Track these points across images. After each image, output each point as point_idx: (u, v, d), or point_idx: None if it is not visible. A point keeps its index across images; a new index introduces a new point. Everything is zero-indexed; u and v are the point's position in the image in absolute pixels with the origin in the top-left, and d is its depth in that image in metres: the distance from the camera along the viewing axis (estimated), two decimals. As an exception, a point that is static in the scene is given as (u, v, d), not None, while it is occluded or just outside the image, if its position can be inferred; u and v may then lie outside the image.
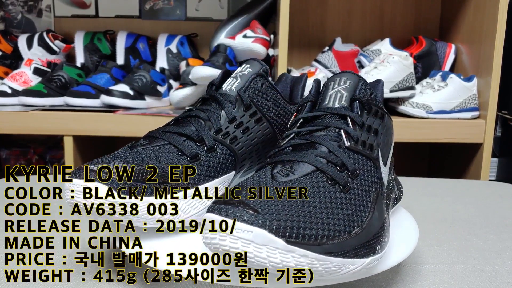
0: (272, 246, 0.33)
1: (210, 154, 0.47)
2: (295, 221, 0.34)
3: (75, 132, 1.21)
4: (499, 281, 0.46)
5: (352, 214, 0.37)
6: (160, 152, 0.45)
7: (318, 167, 0.39)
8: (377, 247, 0.38)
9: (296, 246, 0.33)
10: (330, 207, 0.37)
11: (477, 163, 1.28)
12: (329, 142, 0.41)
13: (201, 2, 1.60)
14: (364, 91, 0.44)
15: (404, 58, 1.29)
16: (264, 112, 0.51)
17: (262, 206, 0.34)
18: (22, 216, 0.61)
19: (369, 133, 0.43)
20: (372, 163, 0.42)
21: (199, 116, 0.49)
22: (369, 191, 0.40)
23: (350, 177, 0.40)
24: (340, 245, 0.35)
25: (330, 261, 0.35)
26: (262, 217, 0.33)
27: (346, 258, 0.35)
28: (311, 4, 1.57)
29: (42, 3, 1.60)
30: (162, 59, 1.47)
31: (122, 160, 0.43)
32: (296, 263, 0.33)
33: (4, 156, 1.60)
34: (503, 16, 1.17)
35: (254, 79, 0.51)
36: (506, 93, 1.42)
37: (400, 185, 0.53)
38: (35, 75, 1.39)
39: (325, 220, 0.36)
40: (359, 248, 0.37)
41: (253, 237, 0.33)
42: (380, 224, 0.40)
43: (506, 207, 0.70)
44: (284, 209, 0.35)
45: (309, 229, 0.34)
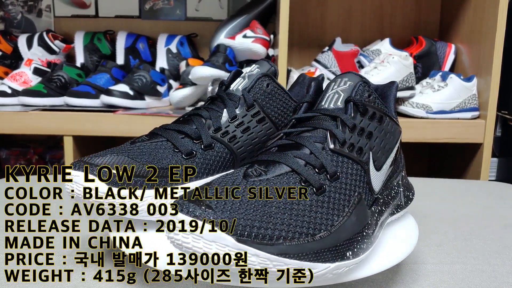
0: (222, 243, 0.33)
1: (207, 151, 0.48)
2: (250, 220, 0.34)
3: (75, 132, 1.21)
4: (499, 281, 0.46)
5: (321, 217, 0.37)
6: (156, 148, 0.47)
7: (293, 168, 0.39)
8: (348, 253, 0.37)
9: (247, 245, 0.33)
10: (297, 208, 0.36)
11: (477, 163, 1.28)
12: (313, 144, 0.40)
13: (201, 2, 1.60)
14: (361, 92, 0.43)
15: (404, 58, 1.29)
16: (268, 112, 0.51)
17: (218, 203, 0.34)
18: (22, 216, 0.61)
19: (361, 136, 0.42)
20: (360, 167, 0.41)
21: (201, 115, 0.50)
22: (349, 195, 0.39)
23: (329, 179, 0.39)
24: (299, 247, 0.34)
25: (285, 263, 0.34)
26: (213, 214, 0.33)
27: (304, 261, 0.34)
28: (311, 4, 1.57)
29: (42, 3, 1.60)
30: (162, 59, 1.47)
31: (118, 154, 0.45)
32: (247, 261, 0.33)
33: (4, 156, 1.60)
34: (503, 16, 1.17)
35: (259, 79, 0.51)
36: (506, 93, 1.42)
37: (410, 191, 0.51)
38: (35, 75, 1.39)
39: (286, 221, 0.35)
40: (323, 252, 0.36)
41: (203, 233, 0.33)
42: (357, 230, 0.39)
43: (506, 207, 0.70)
44: (241, 207, 0.35)
45: (264, 229, 0.34)
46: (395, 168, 0.47)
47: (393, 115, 0.46)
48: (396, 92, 0.48)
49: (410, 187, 0.52)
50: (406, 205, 0.50)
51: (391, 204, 0.47)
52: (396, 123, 0.46)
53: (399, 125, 0.47)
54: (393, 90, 0.47)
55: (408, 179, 0.53)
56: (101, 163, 0.43)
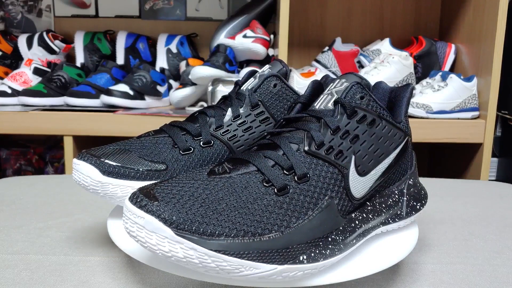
0: (161, 234, 0.33)
1: (205, 148, 0.49)
2: (193, 214, 0.34)
3: (75, 132, 1.21)
4: (499, 281, 0.46)
5: (276, 218, 0.36)
6: (157, 142, 0.49)
7: (259, 167, 0.39)
8: (302, 257, 0.36)
9: (185, 238, 0.33)
10: (250, 207, 0.36)
11: (477, 163, 1.28)
12: (288, 145, 0.40)
13: (201, 2, 1.60)
14: (353, 94, 0.42)
15: (404, 58, 1.29)
16: (274, 112, 0.51)
17: (166, 196, 0.35)
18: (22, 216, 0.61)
19: (344, 139, 0.40)
20: (337, 171, 0.40)
21: (206, 113, 0.51)
22: (317, 198, 0.38)
23: (296, 181, 0.38)
24: (241, 245, 0.34)
25: (224, 259, 0.34)
26: (156, 205, 0.34)
27: (246, 260, 0.34)
28: (311, 4, 1.57)
29: (42, 3, 1.60)
30: (162, 59, 1.47)
31: (120, 146, 0.48)
32: (184, 254, 0.33)
33: (4, 156, 1.60)
34: (503, 16, 1.17)
35: (267, 79, 0.52)
36: (506, 93, 1.42)
37: (419, 202, 0.48)
38: (35, 75, 1.39)
39: (234, 218, 0.35)
40: (270, 253, 0.35)
41: (144, 223, 0.34)
42: (319, 235, 0.38)
43: (506, 207, 0.70)
44: (188, 202, 0.35)
45: (206, 224, 0.34)
46: (397, 175, 0.45)
47: (393, 119, 0.44)
48: (410, 96, 0.45)
49: (420, 197, 0.49)
50: (407, 216, 0.47)
51: (385, 213, 0.45)
52: (397, 128, 0.43)
53: (402, 130, 0.44)
54: (406, 94, 0.45)
55: (421, 188, 0.49)
56: (100, 154, 0.47)
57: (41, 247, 0.51)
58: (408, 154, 0.47)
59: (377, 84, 0.48)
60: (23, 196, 0.70)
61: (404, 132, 0.44)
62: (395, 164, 0.44)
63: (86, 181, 0.46)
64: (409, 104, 0.46)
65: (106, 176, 0.46)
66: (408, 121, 0.46)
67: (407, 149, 0.46)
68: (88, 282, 0.44)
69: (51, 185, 0.77)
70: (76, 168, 0.47)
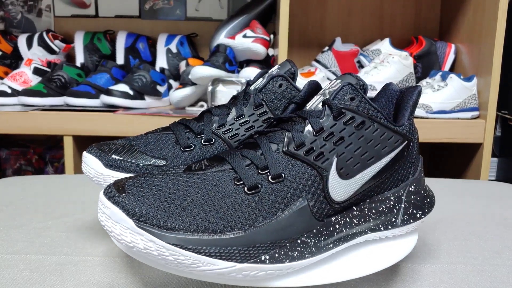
0: (124, 225, 0.35)
1: (206, 146, 0.50)
2: (155, 208, 0.35)
3: (75, 132, 1.21)
4: (499, 281, 0.46)
5: (241, 216, 0.36)
6: (162, 139, 0.51)
7: (233, 166, 0.39)
8: (264, 257, 0.36)
9: (145, 230, 0.34)
10: (216, 204, 0.36)
11: (477, 163, 1.28)
12: (267, 144, 0.40)
13: (201, 2, 1.60)
14: (342, 95, 0.40)
15: (404, 58, 1.29)
16: (278, 112, 0.52)
17: (134, 190, 0.36)
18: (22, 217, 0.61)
19: (327, 140, 0.40)
20: (315, 172, 0.39)
21: (211, 112, 0.52)
22: (290, 199, 0.38)
23: (269, 181, 0.38)
24: (199, 241, 0.35)
25: (181, 253, 0.34)
26: (122, 197, 0.35)
27: (203, 256, 0.35)
28: (311, 4, 1.57)
29: (42, 3, 1.60)
30: (162, 59, 1.47)
31: (127, 141, 0.51)
32: (144, 246, 0.34)
33: (4, 156, 1.60)
34: (502, 16, 1.17)
35: (272, 79, 0.52)
36: (506, 93, 1.42)
37: (420, 210, 0.46)
38: (35, 75, 1.39)
39: (196, 214, 0.36)
40: (230, 251, 0.35)
41: (110, 213, 0.35)
42: (287, 236, 0.37)
43: (506, 207, 0.70)
44: (154, 196, 0.36)
45: (167, 218, 0.35)
46: (393, 181, 0.44)
47: (396, 121, 0.42)
48: (417, 98, 0.43)
49: (423, 205, 0.46)
50: (403, 224, 0.45)
51: (375, 219, 0.43)
52: (393, 131, 0.42)
53: (401, 133, 0.42)
54: (413, 96, 0.43)
55: (426, 196, 0.47)
56: (107, 148, 0.49)
57: (41, 247, 0.51)
58: (409, 159, 0.44)
59: (386, 86, 0.47)
60: (23, 196, 0.70)
61: (403, 136, 0.43)
62: (390, 169, 0.43)
63: (91, 173, 0.49)
64: (415, 107, 0.44)
65: (108, 169, 0.48)
66: (412, 125, 0.44)
67: (407, 153, 0.44)
68: (88, 282, 0.44)
69: (51, 185, 0.77)
70: (84, 160, 0.50)
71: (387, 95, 0.46)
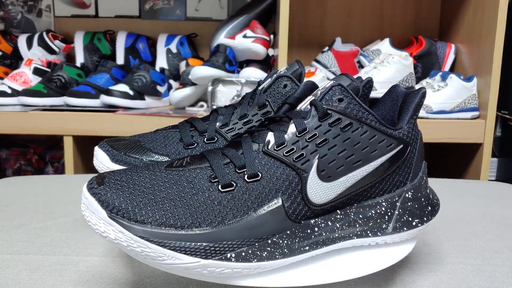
0: (98, 215, 0.36)
1: (208, 144, 0.51)
2: (128, 200, 0.36)
3: (75, 132, 1.21)
4: (499, 281, 0.46)
5: (211, 214, 0.37)
6: (167, 136, 0.52)
7: (211, 164, 0.39)
8: (229, 254, 0.36)
9: (115, 222, 0.35)
10: (188, 200, 0.37)
11: (477, 163, 1.28)
12: (249, 144, 0.40)
13: (201, 2, 1.60)
14: (330, 96, 0.40)
15: (404, 58, 1.29)
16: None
17: (111, 183, 0.37)
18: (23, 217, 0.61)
19: (310, 141, 0.39)
20: (294, 173, 0.39)
21: (218, 111, 0.53)
22: (264, 198, 0.38)
23: (245, 180, 0.38)
24: (165, 235, 0.36)
25: (148, 246, 0.35)
26: (99, 189, 0.37)
27: (168, 250, 0.35)
28: (311, 4, 1.57)
29: (42, 3, 1.60)
30: (162, 59, 1.47)
31: (136, 137, 0.53)
32: (115, 236, 0.36)
33: (4, 156, 1.60)
34: (502, 16, 1.17)
35: (277, 80, 0.52)
36: (506, 93, 1.42)
37: (416, 218, 0.44)
38: (35, 75, 1.39)
39: (166, 209, 0.36)
40: (195, 246, 0.36)
41: (88, 203, 0.37)
42: (257, 236, 0.37)
43: (506, 207, 0.70)
44: (130, 189, 0.37)
45: (138, 210, 0.36)
46: (386, 186, 0.42)
47: (397, 124, 0.41)
48: (420, 101, 0.42)
49: (421, 213, 0.44)
50: (395, 232, 0.42)
51: (362, 224, 0.42)
52: (385, 134, 0.40)
53: (395, 137, 0.41)
54: (415, 99, 0.42)
55: (427, 204, 0.44)
56: (116, 143, 0.52)
57: (40, 247, 0.51)
58: (406, 164, 0.43)
59: (392, 88, 0.46)
60: (23, 196, 0.70)
61: (397, 139, 0.41)
62: (381, 173, 0.41)
63: (99, 166, 0.52)
64: (417, 109, 0.42)
65: (115, 163, 0.50)
66: (413, 128, 0.42)
67: (403, 158, 0.42)
68: (88, 282, 0.44)
69: (51, 185, 0.77)
70: (94, 154, 0.53)
71: (392, 97, 0.45)
